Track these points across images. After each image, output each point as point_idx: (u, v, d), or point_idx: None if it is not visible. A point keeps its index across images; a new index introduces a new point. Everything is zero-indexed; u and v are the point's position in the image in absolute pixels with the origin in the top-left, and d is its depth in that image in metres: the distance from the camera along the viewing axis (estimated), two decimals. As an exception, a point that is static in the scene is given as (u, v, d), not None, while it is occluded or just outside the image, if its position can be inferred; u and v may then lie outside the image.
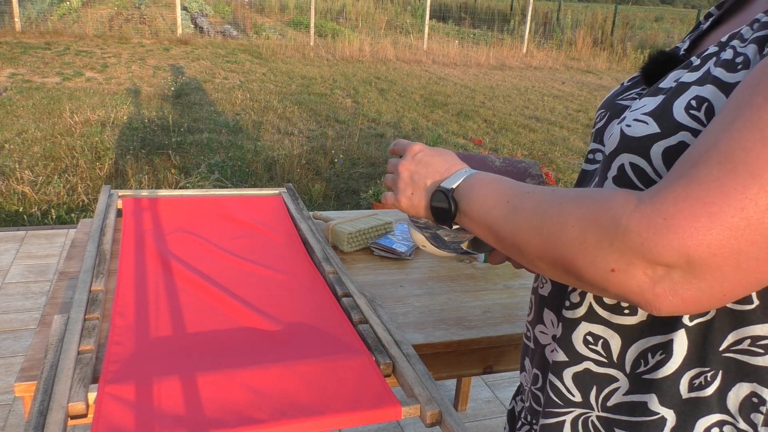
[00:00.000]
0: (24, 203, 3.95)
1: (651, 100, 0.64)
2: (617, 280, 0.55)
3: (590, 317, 0.70)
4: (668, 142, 0.59)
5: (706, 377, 0.63)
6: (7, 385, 2.27)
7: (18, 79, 7.11)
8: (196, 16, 13.84)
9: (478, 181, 0.73)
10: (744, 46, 0.59)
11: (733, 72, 0.58)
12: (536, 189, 0.65)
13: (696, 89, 0.60)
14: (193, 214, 1.67)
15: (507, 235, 0.66)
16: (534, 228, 0.62)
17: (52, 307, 1.22)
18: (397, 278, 1.48)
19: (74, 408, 0.89)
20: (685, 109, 0.59)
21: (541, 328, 0.80)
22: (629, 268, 0.54)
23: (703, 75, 0.61)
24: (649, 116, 0.62)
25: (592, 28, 15.29)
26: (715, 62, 0.61)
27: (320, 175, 4.90)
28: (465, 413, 2.33)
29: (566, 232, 0.58)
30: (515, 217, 0.64)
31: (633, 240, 0.53)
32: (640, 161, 0.62)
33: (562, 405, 0.74)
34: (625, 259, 0.53)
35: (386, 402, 0.95)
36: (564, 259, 0.59)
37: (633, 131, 0.63)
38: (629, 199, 0.55)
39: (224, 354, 1.06)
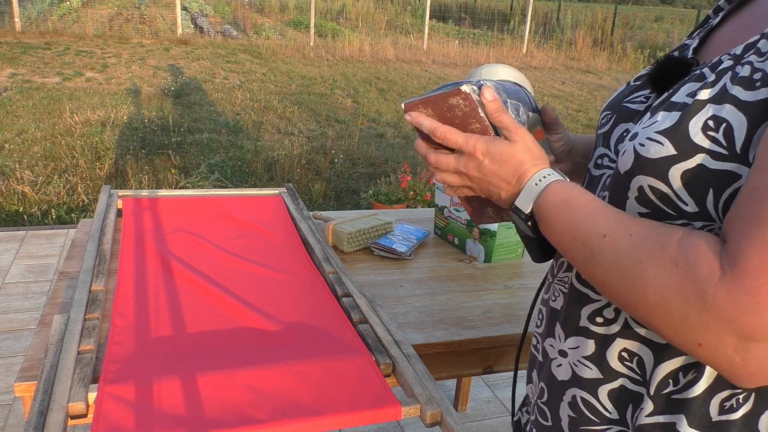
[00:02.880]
0: (24, 203, 3.95)
1: (664, 117, 0.61)
2: (704, 354, 0.54)
3: (627, 333, 0.68)
4: (686, 165, 0.57)
5: (738, 399, 0.61)
6: (7, 385, 2.27)
7: (18, 79, 7.11)
8: (196, 16, 13.84)
9: (550, 209, 0.67)
10: (762, 61, 0.56)
11: (752, 90, 0.55)
12: (611, 228, 0.60)
13: (713, 108, 0.57)
14: (193, 214, 1.67)
15: (589, 277, 0.63)
16: (613, 286, 0.59)
17: (52, 307, 1.22)
18: (397, 278, 1.48)
19: (74, 408, 0.89)
20: (702, 129, 0.57)
21: (551, 341, 0.78)
22: (718, 345, 0.52)
23: (720, 92, 0.57)
24: (663, 136, 0.59)
25: (592, 28, 15.28)
26: (731, 78, 0.58)
27: (320, 175, 4.90)
28: (465, 413, 2.33)
29: (648, 298, 0.56)
30: (594, 267, 0.61)
31: (722, 317, 0.51)
32: (660, 185, 0.59)
33: (598, 422, 0.72)
34: (713, 335, 0.52)
35: (386, 402, 0.95)
36: (646, 321, 0.58)
37: (647, 152, 0.60)
38: (713, 268, 0.52)
39: (224, 354, 1.06)
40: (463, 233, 1.66)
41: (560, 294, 0.77)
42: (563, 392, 0.75)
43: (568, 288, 0.75)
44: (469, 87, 0.72)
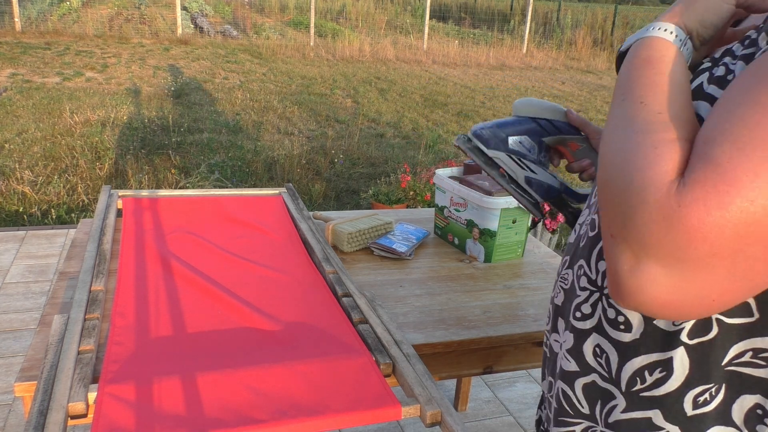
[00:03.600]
0: (24, 203, 3.95)
1: None
2: (608, 247, 0.53)
3: (599, 330, 0.69)
4: None
5: (711, 393, 0.62)
6: (7, 385, 2.27)
7: (18, 79, 7.11)
8: (196, 16, 13.84)
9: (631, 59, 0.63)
10: (734, 62, 0.60)
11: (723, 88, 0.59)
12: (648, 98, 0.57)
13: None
14: (193, 214, 1.67)
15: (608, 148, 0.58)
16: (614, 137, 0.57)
17: (52, 307, 1.22)
18: (397, 278, 1.48)
19: (74, 408, 0.89)
20: None
21: (555, 336, 0.80)
22: (619, 243, 0.52)
23: (696, 90, 0.61)
24: None
25: (592, 28, 15.28)
26: (708, 78, 0.61)
27: (320, 175, 4.90)
28: (465, 413, 2.33)
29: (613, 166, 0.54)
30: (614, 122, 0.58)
31: (639, 221, 0.50)
32: None
33: (573, 415, 0.74)
34: (625, 233, 0.51)
35: (386, 402, 0.95)
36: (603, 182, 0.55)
37: None
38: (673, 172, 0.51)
39: (224, 354, 1.06)
40: (463, 233, 1.66)
41: (561, 291, 0.79)
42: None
43: (568, 285, 0.77)
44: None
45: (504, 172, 0.98)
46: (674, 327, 0.62)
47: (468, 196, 1.61)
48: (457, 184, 1.66)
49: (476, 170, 1.77)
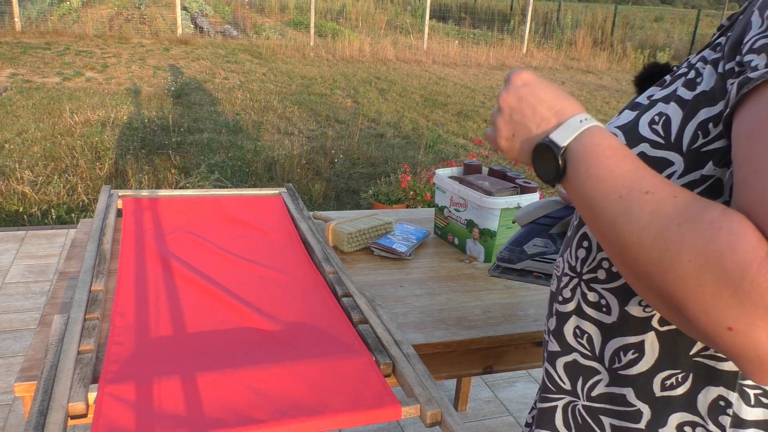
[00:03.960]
0: (24, 203, 3.95)
1: (627, 114, 0.70)
2: (732, 339, 0.48)
3: (579, 313, 0.74)
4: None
5: (678, 378, 0.66)
6: (7, 385, 2.27)
7: (18, 79, 7.11)
8: (196, 16, 13.84)
9: (593, 149, 0.61)
10: (704, 66, 0.63)
11: (692, 90, 0.63)
12: (656, 186, 0.55)
13: (661, 106, 0.65)
14: (193, 214, 1.67)
15: (612, 238, 0.57)
16: (642, 249, 0.54)
17: (52, 307, 1.22)
18: (397, 278, 1.48)
19: (74, 408, 0.89)
20: (648, 123, 0.65)
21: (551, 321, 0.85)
22: (751, 329, 0.47)
23: (670, 93, 0.66)
24: (619, 129, 0.68)
25: (592, 28, 15.28)
26: (682, 82, 0.65)
27: (320, 175, 4.90)
28: (465, 413, 2.33)
29: (680, 265, 0.50)
30: (625, 224, 0.56)
31: (762, 297, 0.46)
32: None
33: (554, 391, 0.79)
34: (748, 319, 0.47)
35: (386, 402, 0.95)
36: (672, 295, 0.52)
37: None
38: (760, 240, 0.47)
39: (224, 354, 1.06)
40: (463, 233, 1.66)
41: (555, 278, 0.83)
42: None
43: (560, 272, 0.80)
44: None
45: (538, 273, 1.17)
46: (645, 314, 0.66)
47: (468, 196, 1.61)
48: (457, 184, 1.66)
49: (476, 170, 1.77)
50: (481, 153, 5.56)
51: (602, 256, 0.71)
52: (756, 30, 0.56)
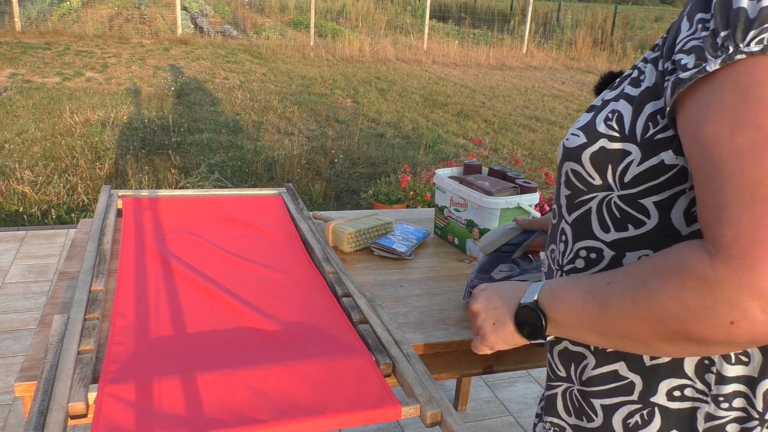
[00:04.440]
0: (24, 203, 3.95)
1: (584, 117, 0.78)
2: (740, 329, 0.57)
3: None
4: (592, 148, 0.74)
5: None
6: (7, 385, 2.27)
7: (18, 79, 7.11)
8: (196, 16, 13.84)
9: (557, 286, 0.76)
10: (645, 66, 0.73)
11: (638, 87, 0.72)
12: (612, 276, 0.69)
13: (613, 104, 0.74)
14: (193, 214, 1.67)
15: (610, 331, 0.68)
16: (633, 317, 0.65)
17: (52, 307, 1.22)
18: (397, 278, 1.48)
19: (74, 408, 0.89)
20: (604, 121, 0.74)
21: None
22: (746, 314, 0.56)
23: (619, 92, 0.74)
24: (580, 130, 0.77)
25: (592, 28, 15.28)
26: (629, 82, 0.74)
27: (320, 175, 4.90)
28: (465, 413, 2.33)
29: (667, 308, 0.61)
30: (610, 312, 0.68)
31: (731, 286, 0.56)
32: (576, 166, 0.76)
33: (554, 379, 0.86)
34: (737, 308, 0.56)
35: (386, 402, 0.95)
36: (681, 332, 0.61)
37: (570, 143, 0.77)
38: (699, 255, 0.59)
39: (224, 354, 1.06)
40: (463, 233, 1.66)
41: (543, 275, 0.92)
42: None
43: (547, 267, 0.90)
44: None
45: None
46: None
47: (468, 196, 1.61)
48: (457, 184, 1.66)
49: (476, 170, 1.77)
50: (481, 153, 5.56)
51: (579, 247, 0.79)
52: (685, 33, 0.66)
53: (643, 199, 0.71)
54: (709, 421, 0.72)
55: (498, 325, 0.82)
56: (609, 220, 0.74)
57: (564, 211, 0.81)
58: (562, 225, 0.82)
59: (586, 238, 0.77)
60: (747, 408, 0.71)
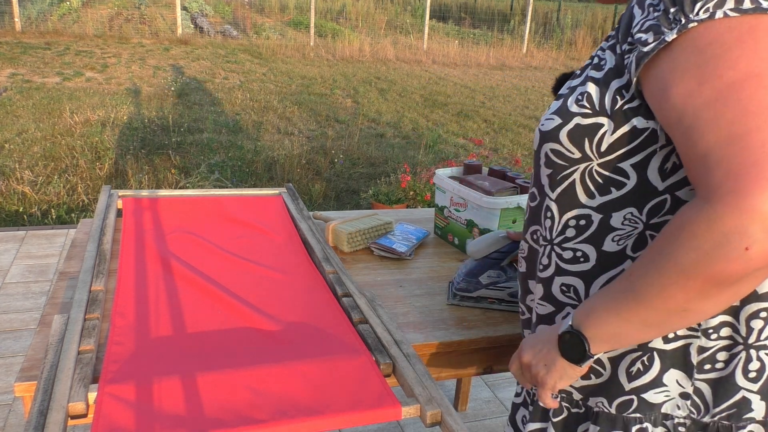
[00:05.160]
0: (24, 203, 3.95)
1: (554, 104, 0.87)
2: (755, 253, 0.62)
3: (559, 272, 0.89)
4: (568, 126, 0.82)
5: None
6: (7, 385, 2.27)
7: (18, 79, 7.11)
8: (196, 16, 13.84)
9: (585, 304, 0.80)
10: (603, 52, 0.82)
11: (600, 70, 0.81)
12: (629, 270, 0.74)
13: (580, 88, 0.83)
14: (193, 214, 1.67)
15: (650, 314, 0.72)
16: (664, 286, 0.69)
17: (52, 307, 1.22)
18: (397, 278, 1.48)
19: (74, 408, 0.89)
20: (575, 101, 0.82)
21: (531, 297, 0.99)
22: (754, 236, 0.61)
23: (584, 78, 0.83)
24: (554, 114, 0.85)
25: (592, 28, 15.27)
26: (590, 68, 0.84)
27: (320, 175, 4.90)
28: (465, 413, 2.33)
29: (686, 261, 0.66)
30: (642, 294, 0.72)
31: (733, 217, 0.61)
32: (555, 146, 0.84)
33: None
34: (745, 235, 0.61)
35: (386, 402, 0.95)
36: (707, 279, 0.65)
37: (546, 127, 0.85)
38: (697, 206, 0.65)
39: (224, 354, 1.06)
40: (463, 233, 1.66)
41: (522, 261, 1.00)
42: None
43: (526, 253, 0.98)
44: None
45: (492, 300, 1.34)
46: (619, 246, 0.82)
47: (468, 196, 1.61)
48: (457, 184, 1.66)
49: (476, 170, 1.77)
50: (481, 153, 5.56)
51: (567, 218, 0.86)
52: (639, 17, 0.75)
53: (620, 163, 0.79)
54: (701, 354, 0.81)
55: (549, 365, 0.85)
56: (592, 186, 0.82)
57: (547, 190, 0.88)
58: (546, 203, 0.89)
59: (573, 208, 0.85)
60: (733, 335, 0.80)
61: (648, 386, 0.83)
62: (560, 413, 0.92)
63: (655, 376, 0.83)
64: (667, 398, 0.83)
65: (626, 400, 0.85)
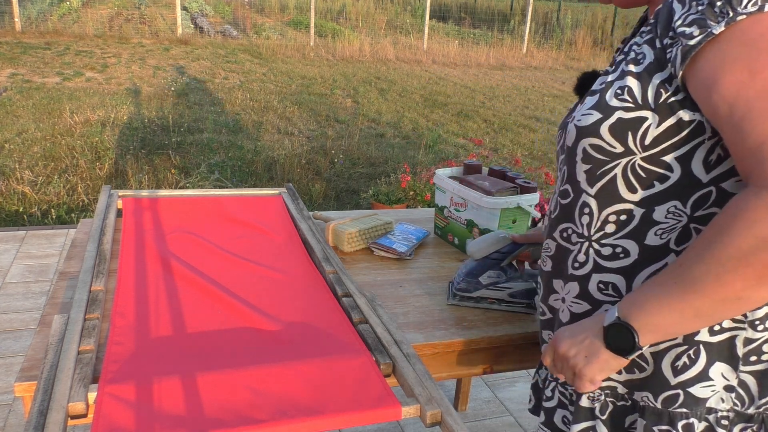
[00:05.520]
0: (24, 203, 3.94)
1: (590, 100, 0.86)
2: None
3: (597, 269, 0.88)
4: (610, 121, 0.82)
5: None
6: (7, 385, 2.27)
7: (18, 79, 7.11)
8: (196, 16, 13.84)
9: (633, 296, 0.80)
10: (641, 46, 0.83)
11: (638, 65, 0.81)
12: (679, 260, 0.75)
13: (618, 83, 0.83)
14: (193, 214, 1.67)
15: (704, 303, 0.72)
16: (720, 274, 0.70)
17: (52, 307, 1.22)
18: (397, 278, 1.48)
19: (74, 408, 0.89)
20: (615, 96, 0.82)
21: (554, 297, 0.97)
22: None
23: (620, 73, 0.84)
24: (592, 109, 0.85)
25: (592, 28, 15.27)
26: (625, 63, 0.84)
27: (320, 175, 4.90)
28: (465, 413, 2.33)
29: (745, 247, 0.67)
30: (697, 283, 0.72)
31: None
32: (595, 141, 0.84)
33: None
34: None
35: (386, 402, 0.95)
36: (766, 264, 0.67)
37: (584, 122, 0.85)
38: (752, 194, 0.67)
39: (224, 354, 1.06)
40: (463, 233, 1.66)
41: (547, 259, 0.98)
42: None
43: (552, 251, 0.96)
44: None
45: (492, 300, 1.34)
46: (662, 240, 0.82)
47: (468, 196, 1.61)
48: (457, 184, 1.66)
49: (476, 170, 1.77)
50: (481, 153, 5.56)
51: (607, 213, 0.85)
52: (680, 12, 0.76)
53: (664, 156, 0.79)
54: (747, 345, 0.81)
55: (591, 356, 0.84)
56: (635, 181, 0.82)
57: (584, 186, 0.88)
58: (582, 199, 0.88)
59: (614, 203, 0.84)
60: None
61: (694, 380, 0.83)
62: (606, 408, 0.91)
63: (701, 370, 0.82)
64: (713, 392, 0.83)
65: (672, 395, 0.84)
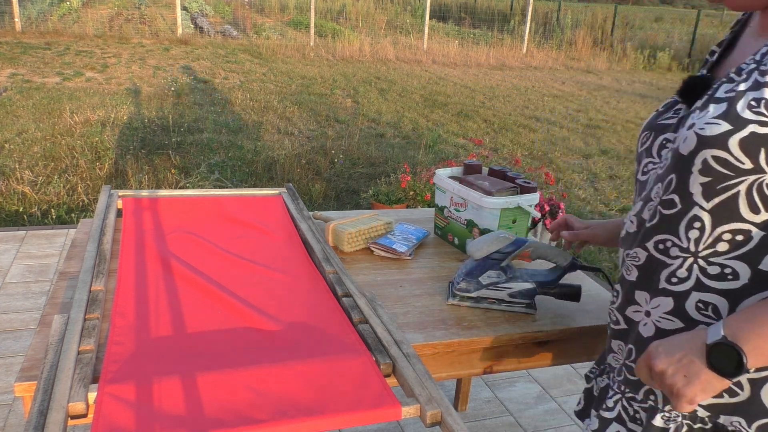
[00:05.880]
0: (24, 203, 3.94)
1: (715, 108, 0.81)
2: None
3: (699, 287, 0.83)
4: (741, 134, 0.76)
5: None
6: (7, 385, 2.27)
7: (18, 79, 7.11)
8: (196, 16, 13.84)
9: (741, 316, 0.77)
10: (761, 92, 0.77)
11: None
12: None
13: (752, 93, 0.77)
14: (193, 214, 1.67)
15: None
16: None
17: (52, 307, 1.22)
18: (397, 278, 1.48)
19: (74, 408, 0.89)
20: (748, 107, 0.76)
21: (635, 308, 0.93)
22: None
23: (754, 83, 0.78)
24: (719, 119, 0.78)
25: (592, 28, 15.27)
26: (759, 73, 0.79)
27: (320, 175, 4.90)
28: (465, 413, 2.33)
29: None
30: None
31: None
32: (719, 153, 0.78)
33: None
34: None
35: (386, 402, 0.95)
36: None
37: (708, 132, 0.79)
38: None
39: (224, 354, 1.06)
40: (463, 233, 1.66)
41: (633, 268, 0.92)
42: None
43: (644, 259, 0.90)
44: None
45: (492, 300, 1.34)
46: None
47: (468, 196, 1.61)
48: (457, 184, 1.66)
49: (476, 170, 1.77)
50: (481, 153, 5.56)
51: (722, 231, 0.80)
52: None
53: None
54: None
55: (692, 376, 0.79)
56: (760, 201, 0.77)
57: (698, 198, 0.82)
58: (693, 213, 0.83)
59: (731, 221, 0.79)
60: None
61: None
62: (680, 430, 0.88)
63: None
64: None
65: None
